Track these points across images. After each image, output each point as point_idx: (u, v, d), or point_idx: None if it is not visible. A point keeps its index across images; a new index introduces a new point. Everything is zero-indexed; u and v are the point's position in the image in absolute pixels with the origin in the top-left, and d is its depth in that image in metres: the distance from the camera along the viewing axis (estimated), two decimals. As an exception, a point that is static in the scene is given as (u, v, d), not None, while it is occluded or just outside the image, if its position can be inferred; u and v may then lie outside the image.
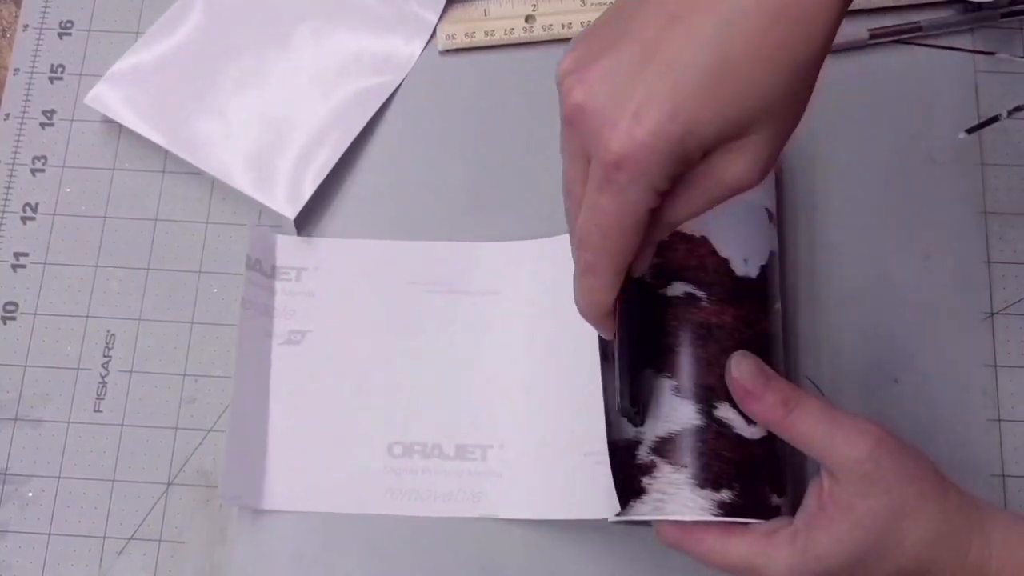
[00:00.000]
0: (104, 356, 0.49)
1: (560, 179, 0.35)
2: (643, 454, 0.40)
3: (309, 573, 0.46)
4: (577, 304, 0.37)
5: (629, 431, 0.41)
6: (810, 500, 0.38)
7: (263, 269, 0.49)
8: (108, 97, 0.52)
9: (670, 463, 0.40)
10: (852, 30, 0.53)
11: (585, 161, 0.33)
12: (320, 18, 0.54)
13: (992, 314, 0.49)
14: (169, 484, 0.47)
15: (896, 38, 0.53)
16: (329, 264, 0.50)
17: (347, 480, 0.47)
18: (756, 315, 0.42)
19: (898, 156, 0.51)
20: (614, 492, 0.40)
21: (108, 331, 0.50)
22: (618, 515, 0.41)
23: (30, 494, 0.47)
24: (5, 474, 0.48)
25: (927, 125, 0.52)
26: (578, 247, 0.35)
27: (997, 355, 0.48)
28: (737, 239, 0.43)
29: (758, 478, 0.40)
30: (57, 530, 0.47)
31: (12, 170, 0.52)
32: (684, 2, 0.31)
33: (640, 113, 0.30)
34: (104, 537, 0.47)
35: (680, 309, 0.41)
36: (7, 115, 0.53)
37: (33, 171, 0.52)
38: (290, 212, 0.50)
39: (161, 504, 0.47)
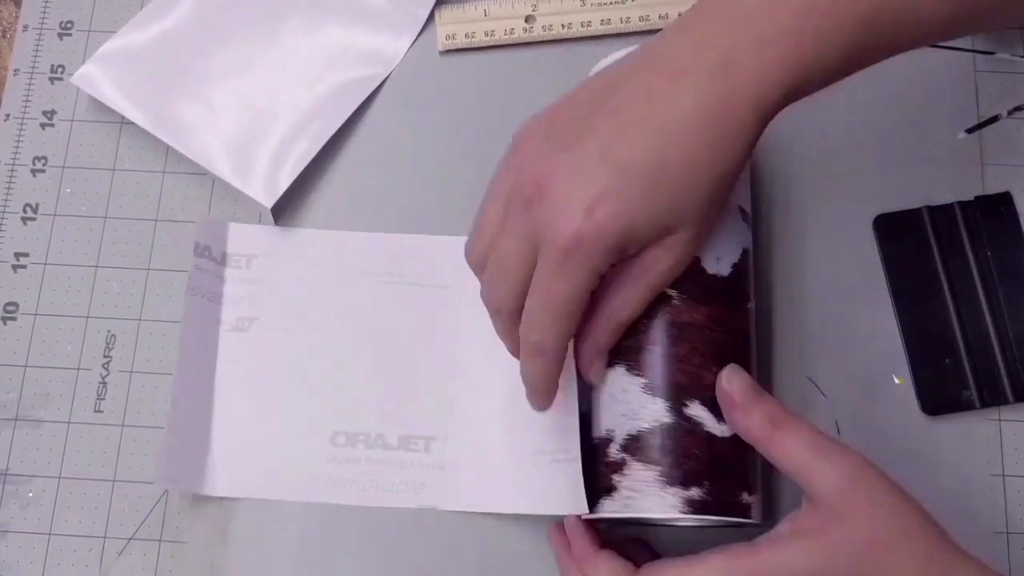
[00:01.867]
0: (104, 356, 0.49)
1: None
2: (613, 452, 0.41)
3: (310, 574, 0.46)
4: (527, 384, 0.40)
5: (600, 429, 0.42)
6: (783, 525, 0.37)
7: (212, 255, 0.49)
8: (96, 77, 0.52)
9: (640, 461, 0.40)
10: (852, 30, 0.53)
11: (530, 242, 0.37)
12: (311, 9, 0.54)
13: (992, 314, 0.49)
14: (169, 484, 0.48)
15: (896, 38, 0.53)
16: (280, 252, 0.50)
17: (289, 468, 0.47)
18: (727, 313, 0.42)
19: (898, 156, 0.51)
20: (582, 491, 0.41)
21: (108, 331, 0.50)
22: (588, 514, 0.41)
23: (30, 494, 0.47)
24: (6, 474, 0.48)
25: (927, 125, 0.52)
26: (526, 331, 0.39)
27: (997, 355, 0.49)
28: (709, 237, 0.42)
29: (729, 476, 0.40)
30: (57, 530, 0.47)
31: (12, 170, 0.52)
32: (633, 109, 0.36)
33: (593, 209, 0.36)
34: (104, 537, 0.47)
35: (651, 306, 0.41)
36: (7, 115, 0.53)
37: (33, 171, 0.52)
38: (267, 200, 0.50)
39: (161, 504, 0.47)
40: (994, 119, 0.51)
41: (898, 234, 0.50)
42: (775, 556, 0.36)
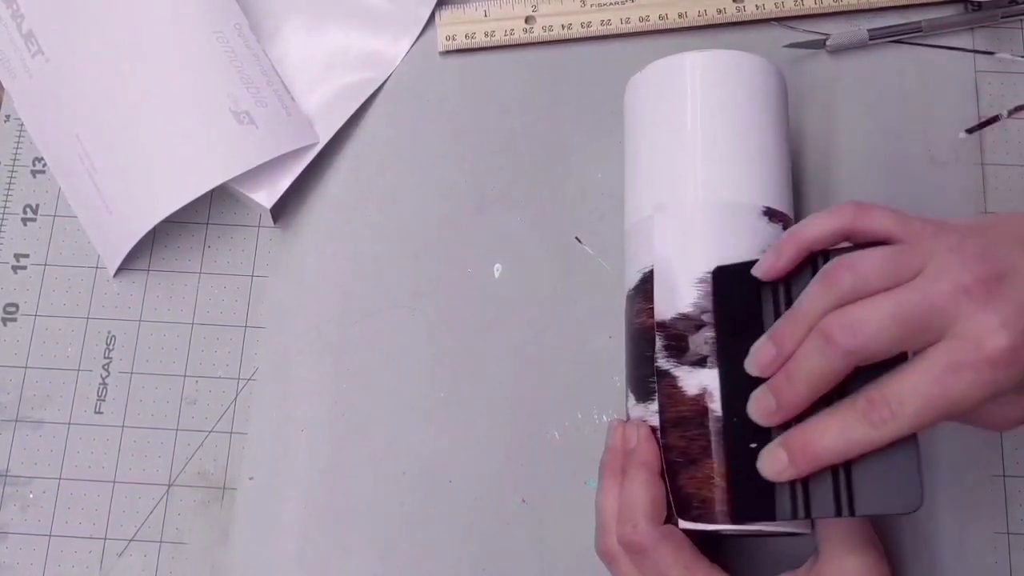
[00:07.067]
0: (105, 357, 0.49)
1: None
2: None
3: (310, 574, 0.46)
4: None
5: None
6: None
7: None
8: None
9: None
10: (852, 30, 0.53)
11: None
12: (311, 10, 0.54)
13: (992, 314, 0.49)
14: (170, 485, 0.47)
15: (896, 38, 0.53)
16: None
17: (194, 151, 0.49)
18: None
19: (898, 156, 0.51)
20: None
21: (108, 332, 0.50)
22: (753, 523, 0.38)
23: (31, 495, 0.47)
24: (6, 475, 0.48)
25: (927, 125, 0.52)
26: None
27: (997, 355, 0.48)
28: None
29: None
30: (58, 531, 0.47)
31: (12, 171, 0.52)
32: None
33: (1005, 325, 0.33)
34: (105, 539, 0.47)
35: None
36: (7, 117, 0.53)
37: (33, 172, 0.52)
38: (267, 201, 0.50)
39: (162, 505, 0.47)
40: (994, 119, 0.51)
41: (898, 234, 0.50)
42: None
